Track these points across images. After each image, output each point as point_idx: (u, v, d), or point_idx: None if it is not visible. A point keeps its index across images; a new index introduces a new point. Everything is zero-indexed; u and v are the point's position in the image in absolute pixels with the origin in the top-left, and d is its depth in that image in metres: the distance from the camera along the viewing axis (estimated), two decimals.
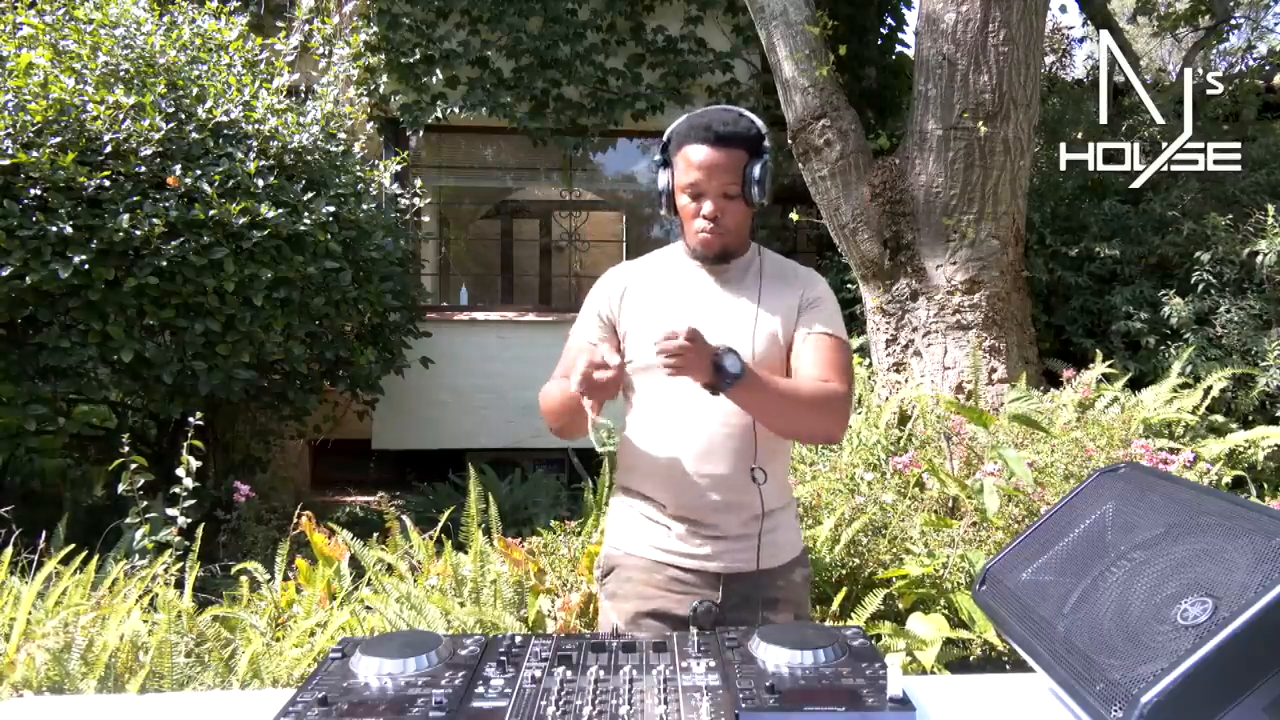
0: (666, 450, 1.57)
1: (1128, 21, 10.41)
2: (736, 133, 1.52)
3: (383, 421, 6.28)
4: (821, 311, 1.62)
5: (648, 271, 1.67)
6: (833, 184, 4.52)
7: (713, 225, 1.54)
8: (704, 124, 1.52)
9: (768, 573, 1.58)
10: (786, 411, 1.50)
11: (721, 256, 1.60)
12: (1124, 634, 0.95)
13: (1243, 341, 4.51)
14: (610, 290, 1.65)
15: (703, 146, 1.51)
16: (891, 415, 3.84)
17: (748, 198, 1.55)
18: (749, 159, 1.53)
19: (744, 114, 1.57)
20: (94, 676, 2.19)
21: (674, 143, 1.57)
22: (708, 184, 1.52)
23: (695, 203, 1.55)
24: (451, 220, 8.25)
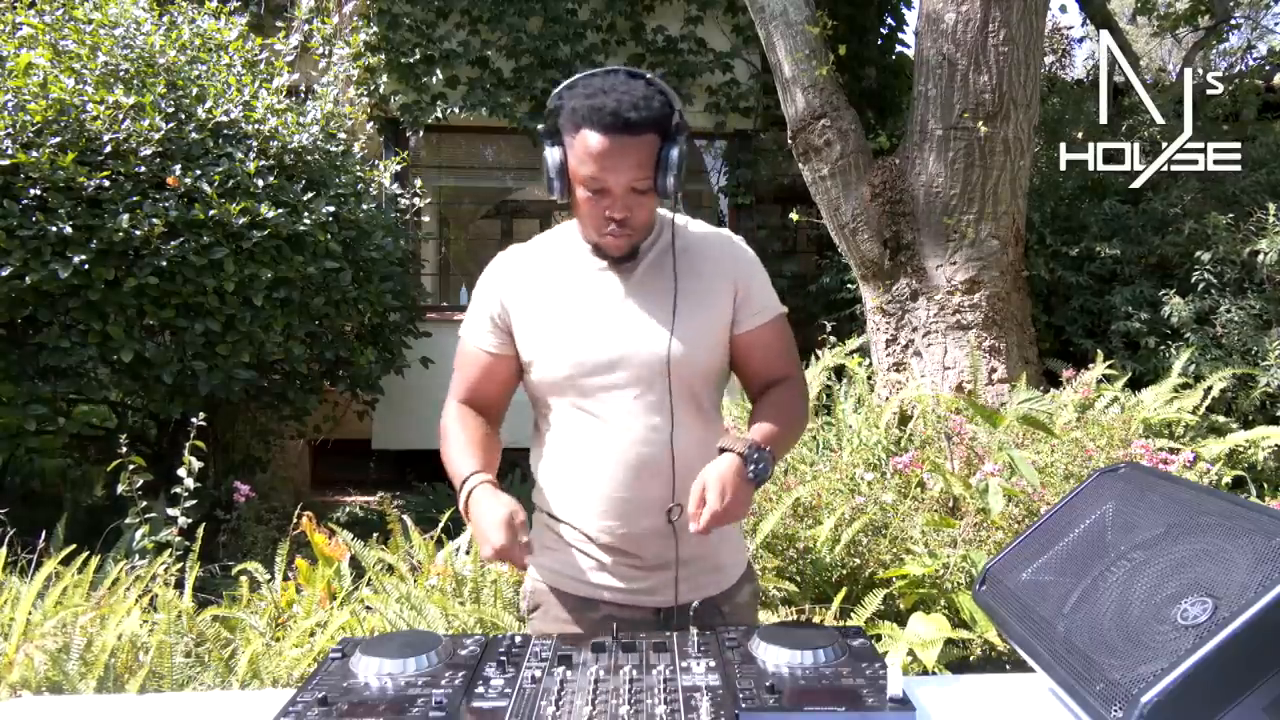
0: (588, 473, 1.37)
1: (1128, 22, 10.41)
2: (648, 116, 1.24)
3: (383, 421, 6.28)
4: (761, 289, 1.44)
5: (540, 265, 1.42)
6: (833, 184, 4.52)
7: (619, 229, 1.30)
8: (608, 107, 1.23)
9: (709, 601, 1.41)
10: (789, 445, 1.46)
11: (631, 254, 1.37)
12: (1124, 634, 0.95)
13: (1243, 341, 4.50)
14: (500, 289, 1.42)
15: (606, 135, 1.23)
16: (892, 415, 3.84)
17: (660, 189, 1.29)
18: (661, 144, 1.27)
19: (652, 82, 1.29)
20: (93, 676, 2.19)
21: (566, 117, 1.27)
22: (614, 179, 1.26)
23: (597, 199, 1.29)
24: (451, 220, 8.25)
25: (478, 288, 1.46)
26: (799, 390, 1.48)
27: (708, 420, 1.43)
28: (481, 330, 1.43)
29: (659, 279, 1.39)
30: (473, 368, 1.45)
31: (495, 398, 1.46)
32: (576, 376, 1.36)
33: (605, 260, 1.39)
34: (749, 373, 1.47)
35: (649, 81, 1.29)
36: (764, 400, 1.45)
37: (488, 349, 1.43)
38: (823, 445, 3.79)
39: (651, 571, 1.39)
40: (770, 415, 1.40)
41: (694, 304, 1.38)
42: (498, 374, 1.44)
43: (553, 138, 1.31)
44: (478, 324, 1.44)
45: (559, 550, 1.44)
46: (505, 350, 1.42)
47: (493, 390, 1.45)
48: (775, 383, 1.47)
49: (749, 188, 6.89)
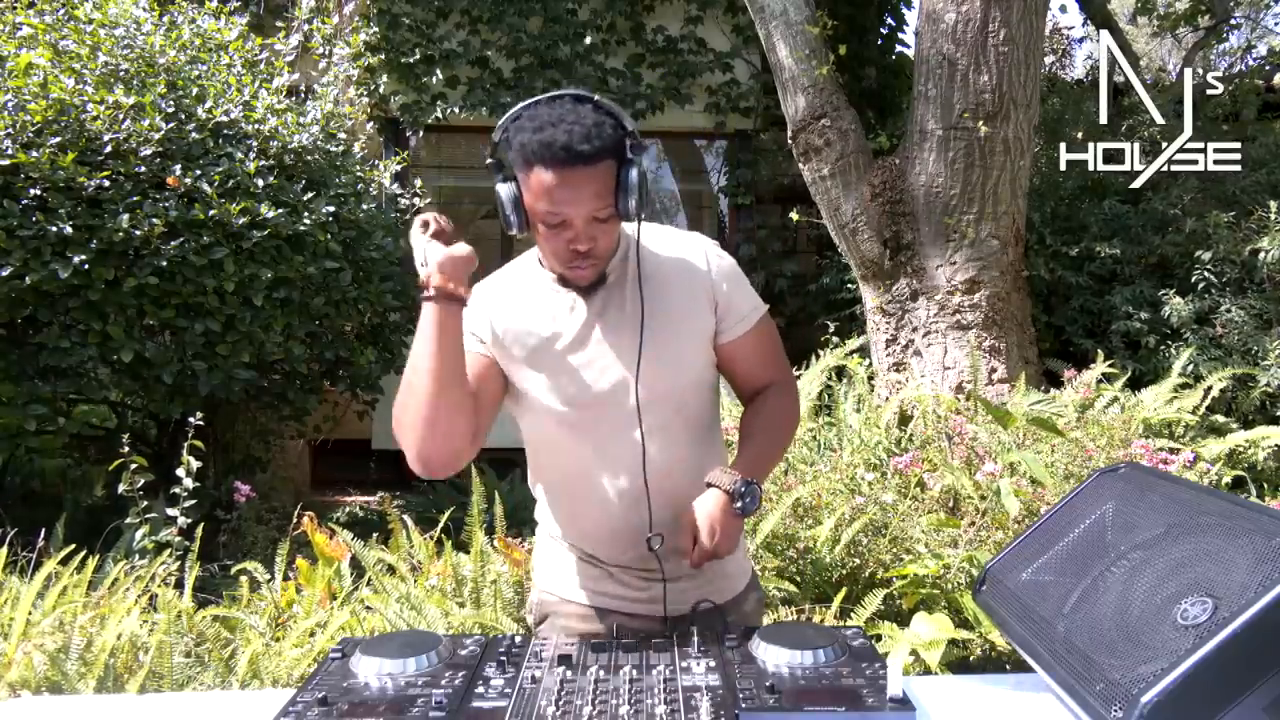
0: (590, 505, 1.38)
1: (1128, 22, 10.41)
2: (601, 146, 1.19)
3: (383, 421, 6.27)
4: (741, 295, 1.40)
5: (517, 295, 1.38)
6: (833, 184, 4.52)
7: (585, 261, 1.27)
8: (558, 141, 1.17)
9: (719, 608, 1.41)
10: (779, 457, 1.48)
11: (599, 281, 1.34)
12: (1124, 634, 0.95)
13: (1243, 341, 4.50)
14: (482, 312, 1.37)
15: (557, 171, 1.18)
16: (892, 415, 3.84)
17: (622, 212, 1.24)
18: (618, 168, 1.23)
19: (599, 105, 1.23)
20: (93, 676, 2.19)
21: (516, 154, 1.23)
22: (574, 211, 1.21)
23: (558, 231, 1.25)
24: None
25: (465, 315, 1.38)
26: (788, 395, 1.47)
27: (696, 437, 1.41)
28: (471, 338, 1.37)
29: (626, 303, 1.35)
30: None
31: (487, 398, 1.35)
32: (553, 412, 1.34)
33: (571, 290, 1.35)
34: (738, 378, 1.47)
35: (596, 105, 1.23)
36: (751, 412, 1.45)
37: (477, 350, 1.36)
38: (823, 445, 3.79)
39: (656, 582, 1.40)
40: (757, 433, 1.40)
41: (663, 323, 1.34)
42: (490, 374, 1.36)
43: (504, 172, 1.27)
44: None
45: (567, 563, 1.46)
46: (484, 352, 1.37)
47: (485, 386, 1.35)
48: (764, 387, 1.47)
49: (749, 188, 6.89)
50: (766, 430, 1.42)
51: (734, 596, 1.47)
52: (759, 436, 1.40)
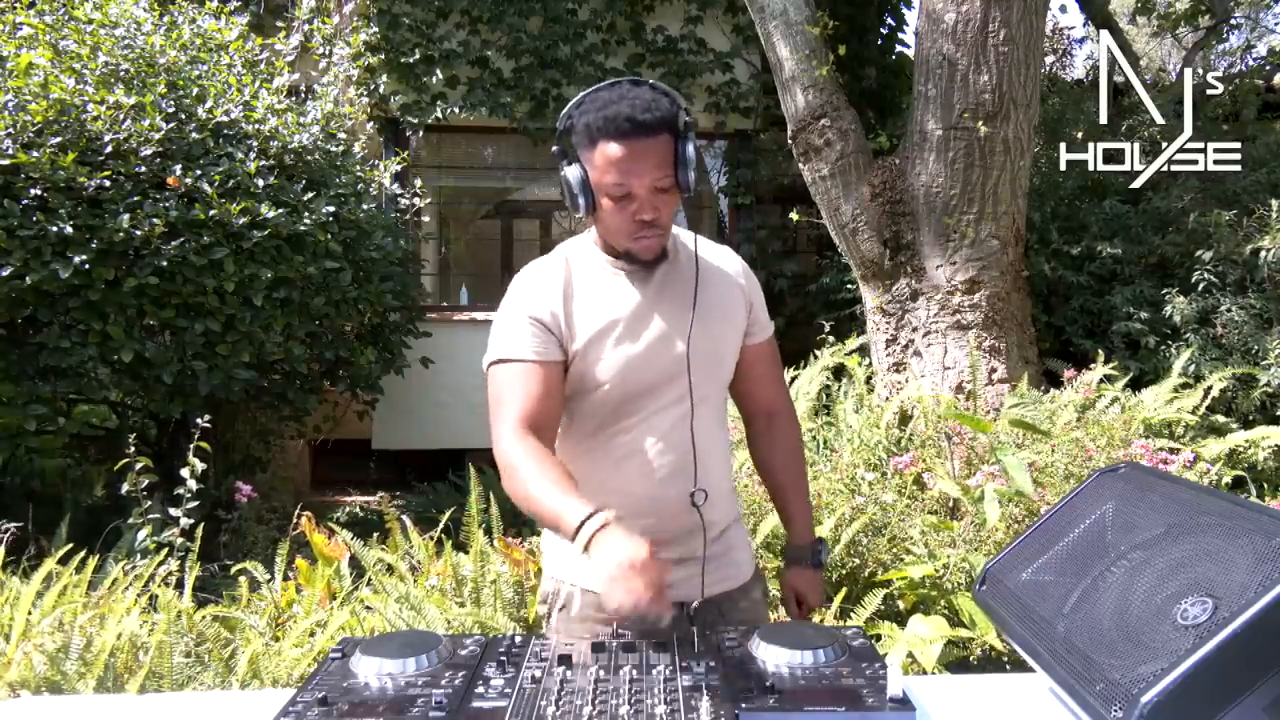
0: (622, 475, 1.42)
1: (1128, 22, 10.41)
2: (660, 117, 1.29)
3: (383, 421, 6.28)
4: (762, 305, 1.56)
5: (580, 274, 1.44)
6: (833, 184, 4.52)
7: (650, 228, 1.35)
8: (621, 114, 1.27)
9: (729, 595, 1.50)
10: None
11: (662, 256, 1.42)
12: (1124, 634, 0.95)
13: (1243, 341, 4.50)
14: (548, 294, 1.40)
15: (624, 143, 1.28)
16: (892, 415, 3.84)
17: (682, 185, 1.33)
18: (675, 142, 1.32)
19: (655, 87, 1.34)
20: (92, 676, 2.19)
21: (581, 135, 1.32)
22: (638, 182, 1.30)
23: (622, 204, 1.33)
24: (451, 220, 8.25)
25: (514, 303, 1.40)
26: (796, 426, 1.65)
27: (720, 420, 1.51)
28: (525, 343, 1.36)
29: (678, 284, 1.45)
30: (528, 383, 1.35)
31: (554, 412, 1.38)
32: (611, 382, 1.40)
33: (630, 267, 1.43)
34: (748, 387, 1.59)
35: (652, 86, 1.34)
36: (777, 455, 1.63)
37: (538, 359, 1.36)
38: (823, 445, 3.79)
39: (676, 566, 1.43)
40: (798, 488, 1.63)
41: (711, 307, 1.45)
42: (553, 381, 1.37)
43: (568, 156, 1.36)
44: (519, 337, 1.37)
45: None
46: (554, 355, 1.37)
47: (552, 403, 1.37)
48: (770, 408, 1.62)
49: (749, 188, 6.89)
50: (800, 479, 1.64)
51: (743, 584, 1.54)
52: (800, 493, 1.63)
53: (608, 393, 1.40)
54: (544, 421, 1.35)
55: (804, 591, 1.61)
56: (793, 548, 1.62)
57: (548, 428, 1.37)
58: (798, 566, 1.61)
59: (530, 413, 1.33)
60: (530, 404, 1.34)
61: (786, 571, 1.63)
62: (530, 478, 1.26)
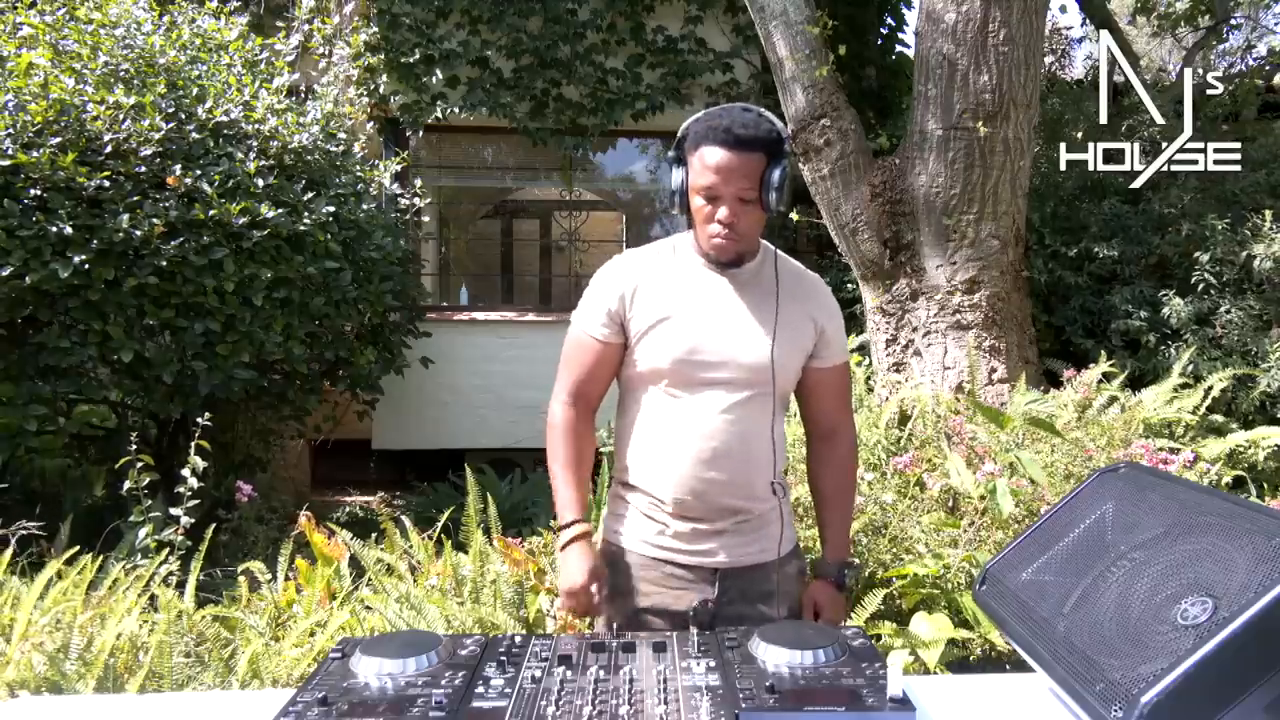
0: (675, 453, 1.56)
1: (1128, 22, 10.41)
2: (757, 136, 1.47)
3: (383, 421, 6.28)
4: (839, 332, 1.66)
5: (656, 269, 1.61)
6: (833, 184, 4.52)
7: (728, 231, 1.51)
8: (724, 125, 1.46)
9: (763, 566, 1.60)
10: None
11: (735, 261, 1.57)
12: (1124, 634, 0.95)
13: (1242, 341, 4.50)
14: (620, 286, 1.59)
15: (720, 149, 1.46)
16: (891, 415, 3.84)
17: (765, 203, 1.50)
18: (768, 163, 1.48)
19: (764, 114, 1.52)
20: (92, 676, 2.19)
21: (690, 141, 1.52)
22: (724, 188, 1.48)
23: (709, 206, 1.51)
24: (451, 220, 8.25)
25: (596, 284, 1.63)
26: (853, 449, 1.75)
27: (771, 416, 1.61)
28: (596, 321, 1.59)
29: (759, 291, 1.59)
30: (585, 354, 1.61)
31: (601, 386, 1.64)
32: (680, 367, 1.54)
33: (714, 266, 1.58)
34: (814, 407, 1.71)
35: (761, 113, 1.51)
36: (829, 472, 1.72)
37: (601, 338, 1.59)
38: None
39: (713, 536, 1.58)
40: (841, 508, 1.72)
41: (790, 320, 1.59)
42: (607, 361, 1.61)
43: (677, 161, 1.56)
44: (593, 315, 1.60)
45: (630, 515, 1.63)
46: (615, 339, 1.59)
47: (601, 377, 1.62)
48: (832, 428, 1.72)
49: None
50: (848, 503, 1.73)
51: (779, 557, 1.64)
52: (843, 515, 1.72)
53: (661, 375, 1.56)
54: (590, 391, 1.63)
55: (822, 605, 1.65)
56: (822, 562, 1.70)
57: (594, 392, 1.63)
58: (822, 581, 1.68)
59: (581, 383, 1.62)
60: (582, 375, 1.62)
61: (811, 583, 1.70)
62: (556, 452, 1.62)
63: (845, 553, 1.70)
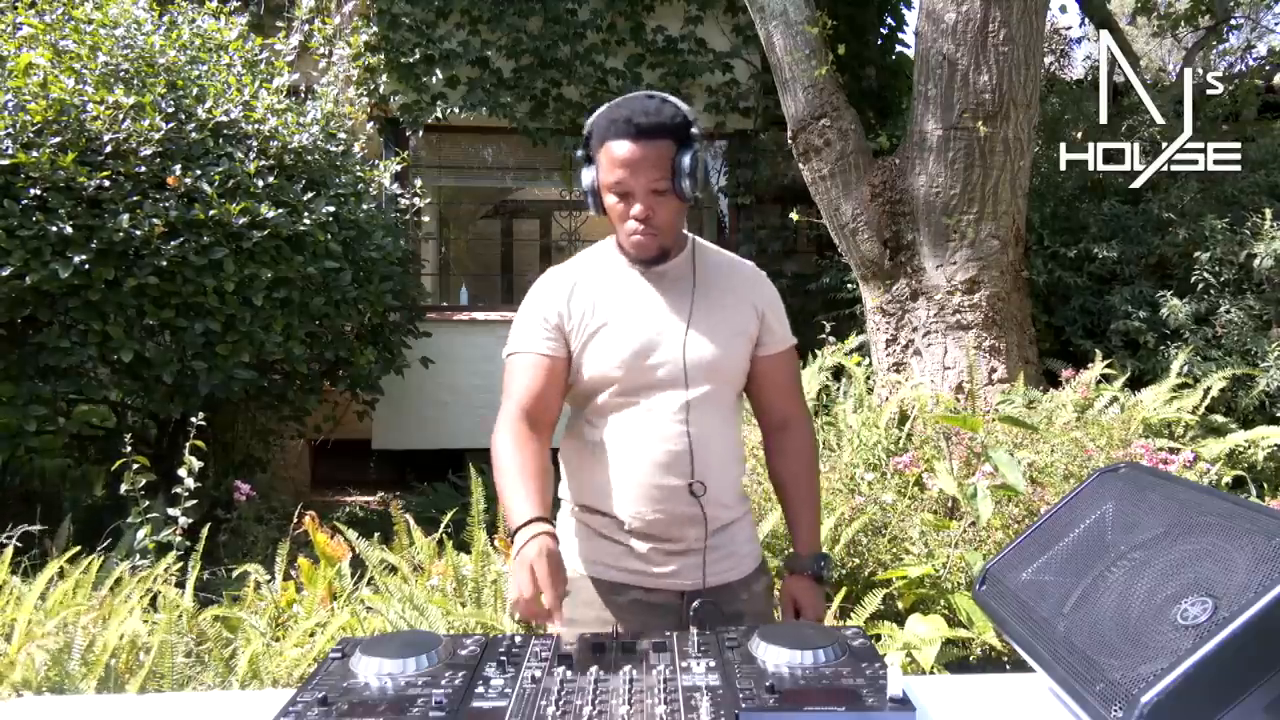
0: (630, 462, 1.48)
1: (1128, 22, 10.41)
2: (660, 123, 1.39)
3: (383, 421, 6.28)
4: (780, 319, 1.60)
5: (587, 277, 1.54)
6: (833, 184, 4.52)
7: (644, 226, 1.44)
8: (624, 116, 1.39)
9: (729, 587, 1.53)
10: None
11: (659, 257, 1.49)
12: (1124, 634, 0.95)
13: (1242, 341, 4.51)
14: (555, 299, 1.52)
15: (624, 142, 1.39)
16: (891, 415, 3.84)
17: (679, 192, 1.42)
18: (676, 149, 1.41)
19: (668, 100, 1.45)
20: (94, 676, 2.19)
21: (594, 138, 1.44)
22: (633, 181, 1.40)
23: (622, 202, 1.44)
24: (451, 220, 8.25)
25: (528, 304, 1.55)
26: (811, 436, 1.67)
27: (725, 418, 1.54)
28: (536, 337, 1.50)
29: (684, 284, 1.53)
30: (532, 373, 1.49)
31: (550, 409, 1.50)
32: (625, 372, 1.47)
33: (638, 265, 1.51)
34: (765, 398, 1.63)
35: (664, 99, 1.44)
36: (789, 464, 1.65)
37: (545, 353, 1.49)
38: (823, 445, 3.79)
39: (677, 556, 1.49)
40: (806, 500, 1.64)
41: (711, 308, 1.52)
42: (555, 377, 1.50)
43: (586, 160, 1.49)
44: (531, 332, 1.51)
45: (588, 540, 1.54)
46: (560, 353, 1.50)
47: (550, 397, 1.50)
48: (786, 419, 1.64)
49: (749, 188, 6.89)
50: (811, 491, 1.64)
51: (747, 575, 1.57)
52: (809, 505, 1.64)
53: (606, 384, 1.48)
54: (541, 410, 1.48)
55: (802, 602, 1.59)
56: (795, 557, 1.63)
57: (545, 415, 1.49)
58: (798, 576, 1.61)
59: (529, 402, 1.47)
60: (530, 394, 1.48)
61: (786, 579, 1.64)
62: (503, 467, 1.41)
63: (818, 545, 1.62)
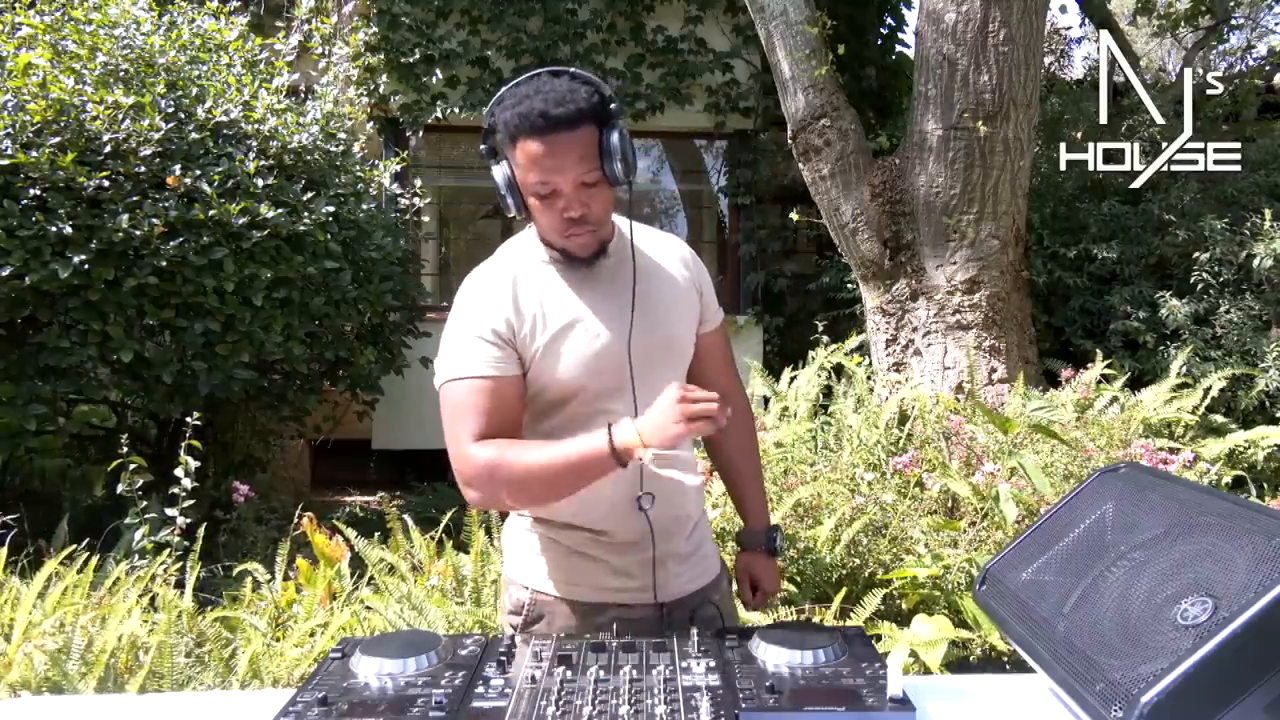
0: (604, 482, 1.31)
1: (1128, 22, 10.41)
2: (578, 109, 1.21)
3: (383, 421, 6.27)
4: (712, 291, 1.53)
5: (525, 277, 1.37)
6: (833, 184, 4.52)
7: (580, 226, 1.28)
8: (536, 110, 1.20)
9: (703, 590, 1.50)
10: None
11: (599, 252, 1.35)
12: (1124, 634, 0.95)
13: (1241, 342, 4.50)
14: (499, 304, 1.33)
15: (540, 137, 1.21)
16: (891, 415, 3.84)
17: (610, 177, 1.26)
18: (599, 131, 1.24)
19: (577, 75, 1.27)
20: (93, 676, 2.19)
21: (502, 133, 1.26)
22: (560, 179, 1.24)
23: (549, 202, 1.26)
24: (451, 220, 8.25)
25: (467, 317, 1.33)
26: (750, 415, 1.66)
27: None
28: (483, 356, 1.30)
29: (621, 278, 1.38)
30: (485, 400, 1.28)
31: (512, 429, 1.31)
32: (560, 383, 1.34)
33: (570, 262, 1.35)
34: (705, 375, 1.53)
35: (573, 75, 1.26)
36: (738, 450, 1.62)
37: (493, 373, 1.29)
38: (823, 445, 3.79)
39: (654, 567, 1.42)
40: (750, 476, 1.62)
41: (656, 300, 1.41)
42: (509, 399, 1.31)
43: (495, 156, 1.31)
44: (472, 353, 1.30)
45: (560, 560, 1.43)
46: (512, 370, 1.31)
47: (509, 419, 1.31)
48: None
49: (749, 188, 6.89)
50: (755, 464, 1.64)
51: (714, 579, 1.54)
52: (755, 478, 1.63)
53: (557, 393, 1.35)
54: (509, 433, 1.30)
55: (760, 577, 1.58)
56: (747, 532, 1.59)
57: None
58: (752, 552, 1.59)
59: (487, 431, 1.27)
60: (487, 422, 1.27)
61: (740, 556, 1.61)
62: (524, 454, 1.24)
63: (767, 518, 1.59)
